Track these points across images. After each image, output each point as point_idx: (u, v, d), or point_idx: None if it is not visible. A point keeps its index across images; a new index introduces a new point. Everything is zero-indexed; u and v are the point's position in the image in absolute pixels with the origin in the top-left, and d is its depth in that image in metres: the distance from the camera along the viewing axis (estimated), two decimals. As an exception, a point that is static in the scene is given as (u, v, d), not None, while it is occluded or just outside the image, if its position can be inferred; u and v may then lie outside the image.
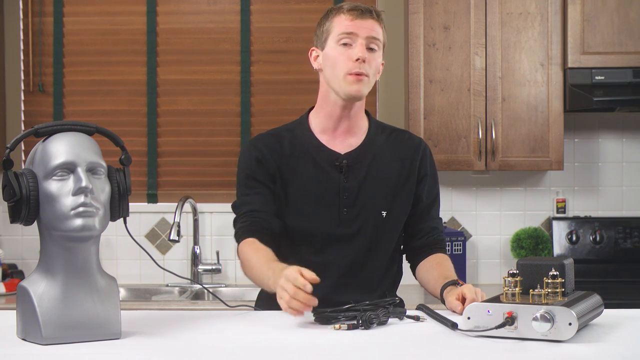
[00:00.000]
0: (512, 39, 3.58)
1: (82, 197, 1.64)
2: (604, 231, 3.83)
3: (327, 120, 2.25)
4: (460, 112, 3.59)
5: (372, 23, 2.20)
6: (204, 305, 3.46)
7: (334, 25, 2.21)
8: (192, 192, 3.90)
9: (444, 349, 1.65)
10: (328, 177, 2.23)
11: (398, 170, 2.27)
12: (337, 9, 2.23)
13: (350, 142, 2.26)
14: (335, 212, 2.22)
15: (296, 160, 2.24)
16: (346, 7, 2.21)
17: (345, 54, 2.18)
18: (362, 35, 2.17)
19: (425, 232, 2.31)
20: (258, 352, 1.64)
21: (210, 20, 3.98)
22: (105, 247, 3.84)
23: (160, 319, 1.93)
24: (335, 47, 2.20)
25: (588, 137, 3.94)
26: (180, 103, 3.98)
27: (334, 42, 2.20)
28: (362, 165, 2.24)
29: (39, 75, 3.97)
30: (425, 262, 2.28)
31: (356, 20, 2.18)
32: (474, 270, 3.89)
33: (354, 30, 2.18)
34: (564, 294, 1.77)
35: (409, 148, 2.30)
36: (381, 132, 2.31)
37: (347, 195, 2.22)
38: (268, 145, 2.26)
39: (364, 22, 2.18)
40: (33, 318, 1.66)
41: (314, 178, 2.23)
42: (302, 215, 2.23)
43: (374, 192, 2.24)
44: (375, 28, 2.20)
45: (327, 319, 1.85)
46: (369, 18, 2.19)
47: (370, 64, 2.19)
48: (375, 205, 2.24)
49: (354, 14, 2.19)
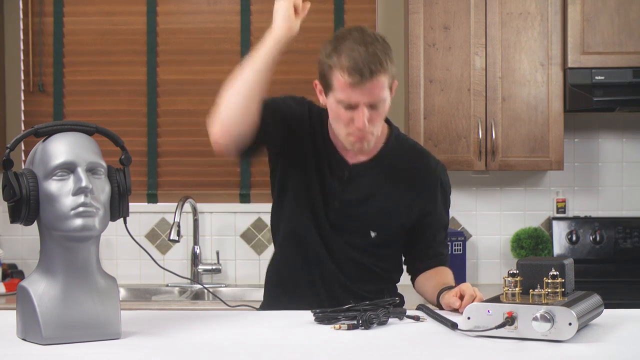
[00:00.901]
0: (512, 39, 3.58)
1: (82, 197, 1.64)
2: (604, 231, 3.83)
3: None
4: (460, 112, 3.59)
5: (374, 83, 2.03)
6: (204, 305, 3.46)
7: (334, 83, 2.06)
8: (192, 192, 3.90)
9: (444, 349, 1.65)
10: (328, 182, 2.19)
11: (403, 195, 2.20)
12: (338, 58, 2.04)
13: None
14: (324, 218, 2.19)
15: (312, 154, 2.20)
16: (346, 66, 2.02)
17: (346, 116, 2.07)
18: (364, 102, 2.04)
19: (430, 256, 2.28)
20: (258, 352, 1.64)
21: (210, 20, 3.98)
22: (105, 247, 3.84)
23: (160, 319, 1.93)
24: (336, 105, 2.08)
25: (588, 137, 3.94)
26: (180, 103, 3.98)
27: (334, 100, 2.08)
28: (365, 180, 2.19)
29: (39, 75, 3.97)
30: (425, 272, 2.28)
31: (357, 88, 2.02)
32: (474, 270, 3.89)
33: (355, 100, 2.04)
34: (564, 294, 1.77)
35: (423, 177, 2.22)
36: (398, 149, 2.24)
37: (338, 204, 2.19)
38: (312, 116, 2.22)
39: (365, 88, 2.02)
40: (33, 318, 1.66)
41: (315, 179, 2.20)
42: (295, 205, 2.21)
43: (367, 210, 2.19)
44: (378, 86, 2.04)
45: (327, 319, 1.85)
46: (371, 79, 2.02)
47: (373, 122, 2.08)
48: (366, 225, 2.20)
49: (354, 77, 2.01)
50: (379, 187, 2.20)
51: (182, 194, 3.86)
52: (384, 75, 2.04)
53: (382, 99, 2.07)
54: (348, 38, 2.07)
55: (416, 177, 2.22)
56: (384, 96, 2.07)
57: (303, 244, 2.22)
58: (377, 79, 2.03)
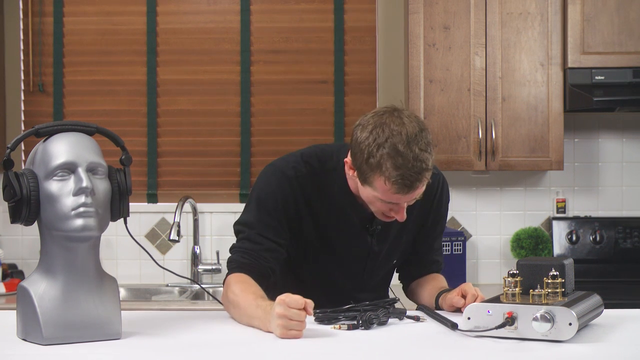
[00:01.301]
0: (512, 39, 3.58)
1: (82, 197, 1.64)
2: (604, 231, 3.83)
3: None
4: (460, 112, 3.59)
5: (418, 189, 1.93)
6: (204, 305, 3.46)
7: (376, 185, 1.92)
8: (192, 192, 3.90)
9: (444, 349, 1.65)
10: (359, 240, 2.13)
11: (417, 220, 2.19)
12: (380, 167, 1.88)
13: None
14: (361, 274, 2.18)
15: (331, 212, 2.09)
16: (393, 178, 1.87)
17: (384, 207, 1.97)
18: (405, 202, 1.96)
19: (426, 263, 2.28)
20: (258, 352, 1.64)
21: (210, 20, 3.98)
22: (105, 247, 3.84)
23: (160, 319, 1.93)
24: (373, 197, 1.96)
25: (588, 137, 3.94)
26: (180, 103, 3.98)
27: (372, 194, 1.95)
28: (391, 227, 2.14)
29: (39, 75, 3.97)
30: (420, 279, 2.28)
31: (400, 195, 1.91)
32: (474, 270, 3.89)
33: (397, 201, 1.94)
34: (564, 294, 1.77)
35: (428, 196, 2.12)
36: None
37: (374, 257, 2.17)
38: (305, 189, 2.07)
39: (409, 195, 1.92)
40: (33, 318, 1.66)
41: (345, 239, 2.12)
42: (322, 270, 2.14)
43: (397, 249, 2.21)
44: (420, 191, 1.94)
45: (327, 319, 1.86)
46: (416, 190, 1.92)
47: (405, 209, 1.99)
48: (393, 258, 2.23)
49: (402, 190, 1.89)
50: (402, 227, 2.16)
51: (182, 194, 3.86)
52: (426, 179, 1.93)
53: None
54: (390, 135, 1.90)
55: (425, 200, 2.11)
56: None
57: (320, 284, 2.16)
58: (422, 184, 1.93)
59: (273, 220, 2.05)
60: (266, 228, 2.04)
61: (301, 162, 2.09)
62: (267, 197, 2.06)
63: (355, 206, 2.08)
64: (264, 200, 2.06)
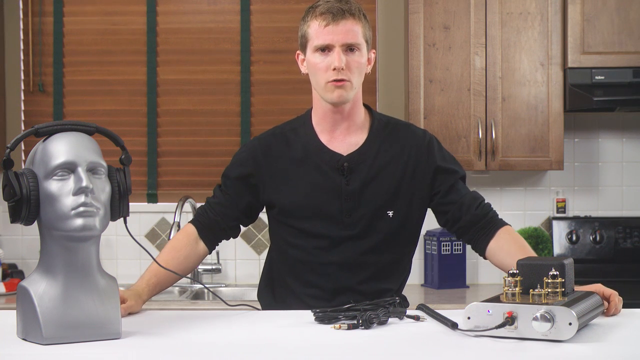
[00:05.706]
0: (512, 39, 3.58)
1: (82, 197, 1.64)
2: (604, 231, 3.83)
3: (324, 122, 2.24)
4: (460, 112, 3.59)
5: (347, 26, 2.13)
6: (204, 305, 3.46)
7: (310, 33, 2.17)
8: (192, 192, 3.90)
9: (444, 348, 1.65)
10: (330, 180, 2.21)
11: (402, 168, 2.23)
12: (312, 11, 2.17)
13: (351, 142, 2.23)
14: (339, 217, 2.20)
15: (300, 164, 2.23)
16: (319, 10, 2.15)
17: (323, 63, 2.14)
18: (338, 43, 2.12)
19: (467, 206, 2.22)
20: (258, 351, 1.64)
21: (210, 20, 3.98)
22: (105, 247, 3.84)
23: (160, 319, 1.93)
24: (313, 55, 2.16)
25: (588, 137, 3.94)
26: (180, 103, 3.98)
27: (312, 50, 2.17)
28: (364, 165, 2.22)
29: (39, 75, 3.97)
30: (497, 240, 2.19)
31: (330, 27, 2.12)
32: (474, 270, 3.89)
33: (329, 41, 2.13)
34: (564, 294, 1.77)
35: (412, 145, 2.25)
36: (383, 129, 2.27)
37: (349, 198, 2.20)
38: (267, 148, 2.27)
39: (338, 27, 2.13)
40: (33, 318, 1.66)
41: (317, 183, 2.21)
42: (305, 219, 2.21)
43: (377, 192, 2.21)
44: (352, 30, 2.14)
45: (327, 318, 1.85)
46: (343, 20, 2.13)
47: (350, 67, 2.14)
48: (381, 206, 2.21)
49: (327, 18, 2.12)
50: (380, 167, 2.22)
51: (182, 193, 3.86)
52: (355, 19, 2.14)
53: (357, 44, 2.14)
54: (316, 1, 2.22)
55: (408, 146, 2.25)
56: (358, 41, 2.14)
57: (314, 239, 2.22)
58: (349, 20, 2.13)
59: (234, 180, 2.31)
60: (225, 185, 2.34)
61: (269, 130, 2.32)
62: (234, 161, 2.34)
63: (323, 150, 2.22)
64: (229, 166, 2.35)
